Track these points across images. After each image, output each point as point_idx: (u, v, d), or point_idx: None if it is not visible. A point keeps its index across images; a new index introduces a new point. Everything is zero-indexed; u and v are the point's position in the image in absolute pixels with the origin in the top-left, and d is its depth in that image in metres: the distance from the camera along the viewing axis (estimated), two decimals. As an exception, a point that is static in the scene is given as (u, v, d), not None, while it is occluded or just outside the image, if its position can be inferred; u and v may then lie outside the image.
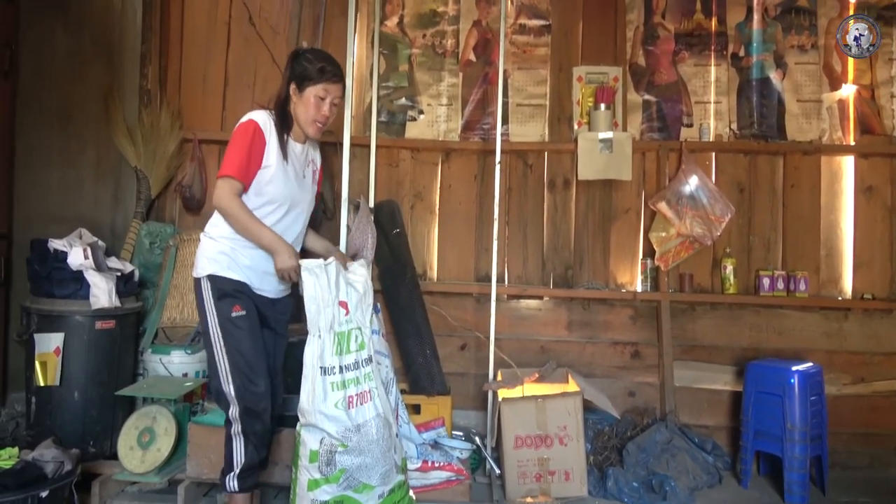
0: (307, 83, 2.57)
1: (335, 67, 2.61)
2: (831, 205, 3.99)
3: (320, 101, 2.58)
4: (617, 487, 3.18)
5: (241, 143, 2.48)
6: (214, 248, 2.53)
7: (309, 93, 2.57)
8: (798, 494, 3.21)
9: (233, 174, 2.45)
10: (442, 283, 4.06)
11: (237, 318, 2.46)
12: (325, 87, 2.57)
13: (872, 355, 3.84)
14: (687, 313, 3.94)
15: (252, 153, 2.49)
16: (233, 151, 2.48)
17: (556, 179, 4.11)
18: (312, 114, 2.59)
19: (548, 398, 3.20)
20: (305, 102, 2.58)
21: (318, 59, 2.60)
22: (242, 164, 2.46)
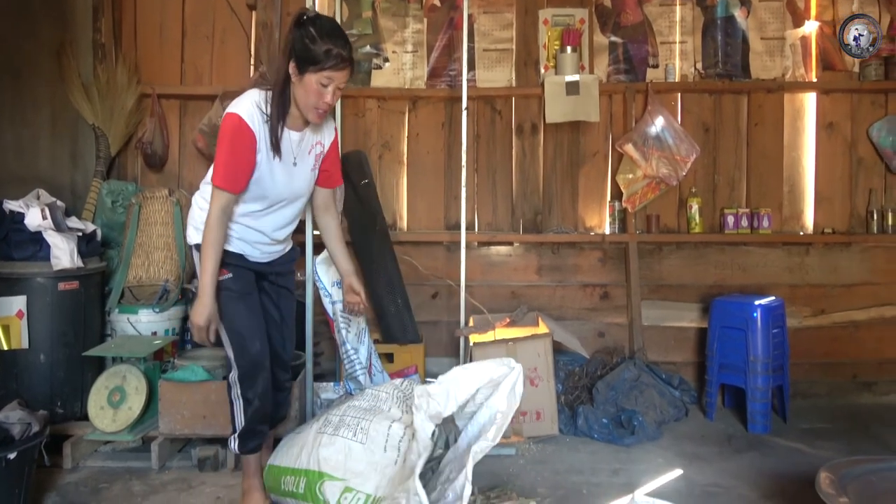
0: (309, 67, 2.21)
1: (344, 48, 2.22)
2: (794, 142, 4.04)
3: (322, 87, 2.24)
4: (587, 425, 3.27)
5: (228, 145, 2.25)
6: (201, 218, 2.39)
7: (310, 77, 2.22)
8: (761, 423, 3.34)
9: (225, 187, 2.26)
10: (412, 232, 4.06)
11: (225, 281, 2.38)
12: (329, 73, 2.22)
13: (832, 287, 3.95)
14: (654, 254, 4.00)
15: (241, 157, 2.26)
16: (221, 155, 2.26)
17: (523, 125, 4.09)
18: (313, 100, 2.26)
19: (518, 341, 3.26)
20: (306, 87, 2.24)
21: (323, 37, 2.20)
22: (232, 174, 2.26)
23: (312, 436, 2.38)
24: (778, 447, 3.18)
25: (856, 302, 3.94)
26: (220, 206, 2.28)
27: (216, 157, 2.29)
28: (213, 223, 2.28)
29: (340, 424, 2.35)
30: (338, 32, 2.26)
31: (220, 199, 2.28)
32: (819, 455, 2.99)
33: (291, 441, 2.48)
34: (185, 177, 4.05)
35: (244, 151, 2.26)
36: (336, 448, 2.28)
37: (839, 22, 3.95)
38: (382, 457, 2.23)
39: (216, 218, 2.28)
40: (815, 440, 3.25)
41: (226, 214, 2.31)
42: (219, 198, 2.28)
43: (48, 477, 2.76)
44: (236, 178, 2.27)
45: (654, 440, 3.22)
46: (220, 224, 2.29)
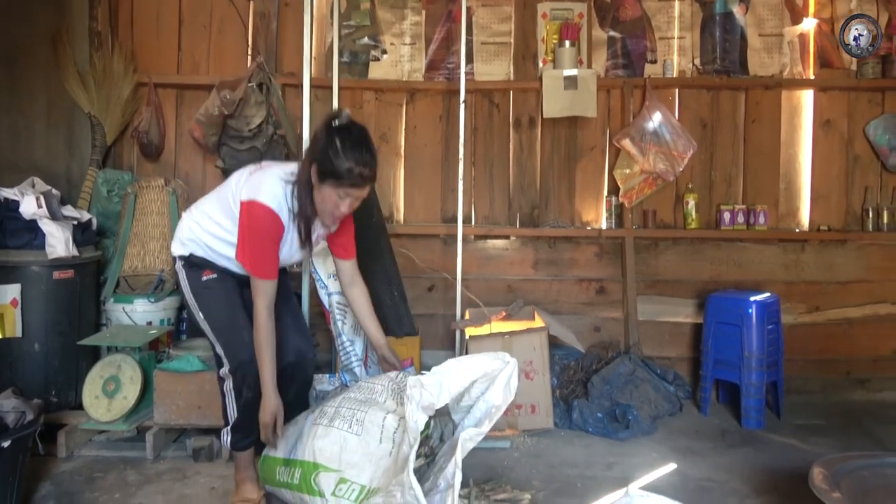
0: (328, 178, 2.20)
1: (366, 167, 2.20)
2: (791, 139, 4.05)
3: (339, 199, 2.24)
4: (582, 418, 3.28)
5: (264, 238, 2.29)
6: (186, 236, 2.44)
7: (329, 188, 2.22)
8: (755, 419, 3.36)
9: (268, 277, 2.30)
10: (409, 225, 4.05)
11: (207, 281, 2.41)
12: (348, 189, 2.22)
13: (827, 285, 3.96)
14: (650, 249, 4.00)
15: (276, 247, 2.33)
16: (257, 247, 2.29)
17: (521, 118, 4.08)
18: (329, 208, 2.27)
19: (514, 334, 3.26)
20: (323, 195, 2.25)
21: (347, 154, 2.16)
22: (273, 265, 2.32)
23: (308, 427, 2.38)
24: (771, 443, 3.20)
25: (851, 299, 3.96)
26: (268, 298, 2.31)
27: (248, 246, 2.30)
28: (263, 322, 2.30)
29: (336, 416, 2.34)
30: (364, 148, 2.22)
31: (265, 289, 2.30)
32: (812, 451, 3.01)
33: (287, 432, 2.46)
34: (182, 167, 4.04)
35: (277, 240, 2.32)
36: (331, 439, 2.27)
37: (837, 19, 3.96)
38: (377, 448, 2.22)
39: (265, 315, 2.30)
40: (808, 436, 3.27)
41: (273, 306, 2.32)
42: (264, 290, 2.30)
43: (42, 466, 2.75)
44: (275, 265, 2.33)
45: (648, 434, 3.23)
46: (269, 320, 2.31)
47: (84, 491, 2.58)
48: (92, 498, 2.53)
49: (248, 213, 2.27)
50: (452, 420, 2.44)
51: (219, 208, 2.42)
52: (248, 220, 2.28)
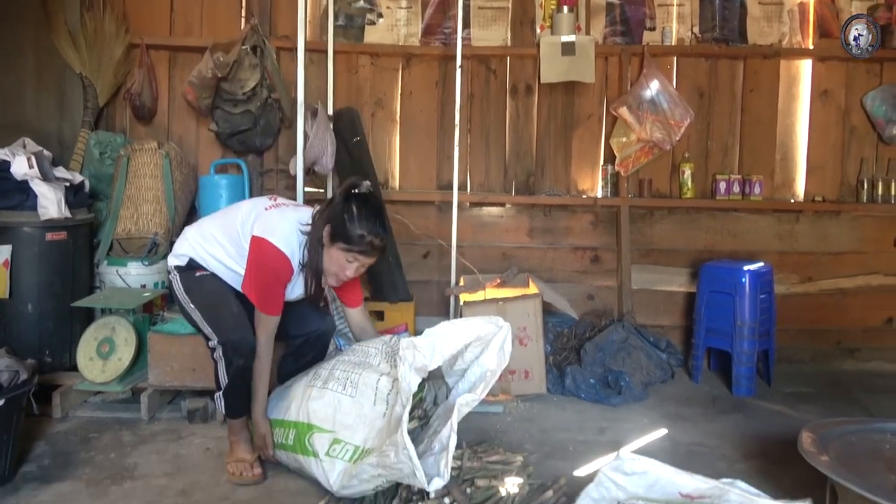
0: (339, 242, 2.30)
1: (378, 237, 2.29)
2: (788, 109, 4.03)
3: (346, 263, 2.33)
4: (575, 384, 3.31)
5: (274, 278, 2.35)
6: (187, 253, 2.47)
7: (338, 249, 2.31)
8: (745, 387, 3.39)
9: (273, 313, 2.37)
10: (404, 191, 4.03)
11: (200, 277, 2.45)
12: (356, 255, 2.31)
13: (820, 255, 3.98)
14: (645, 218, 4.00)
15: (283, 287, 2.40)
16: (266, 284, 2.35)
17: (518, 85, 4.05)
18: (335, 269, 2.35)
19: (508, 301, 3.27)
20: (331, 255, 2.33)
21: (362, 222, 2.26)
22: (279, 303, 2.38)
23: (302, 389, 2.39)
24: (761, 409, 3.24)
25: (843, 270, 3.98)
26: (269, 332, 2.38)
27: (256, 281, 2.35)
28: (263, 354, 2.37)
29: (329, 378, 2.36)
30: (378, 220, 2.30)
31: (267, 325, 2.37)
32: (801, 418, 3.04)
33: (281, 395, 2.50)
34: (175, 130, 3.99)
35: (284, 284, 2.39)
36: (325, 401, 2.29)
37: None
38: (371, 410, 2.24)
39: (266, 347, 2.37)
40: (797, 403, 3.31)
41: (272, 337, 2.40)
42: (266, 324, 2.36)
43: (37, 426, 2.76)
44: (279, 304, 2.39)
45: (640, 401, 3.27)
46: (269, 352, 2.40)
47: (79, 451, 2.60)
48: (87, 457, 2.54)
49: (260, 251, 2.33)
50: (446, 384, 2.45)
51: (224, 233, 2.46)
52: (259, 257, 2.34)
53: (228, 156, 3.92)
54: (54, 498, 2.24)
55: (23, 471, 2.42)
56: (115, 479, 2.37)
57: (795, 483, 2.31)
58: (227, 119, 3.77)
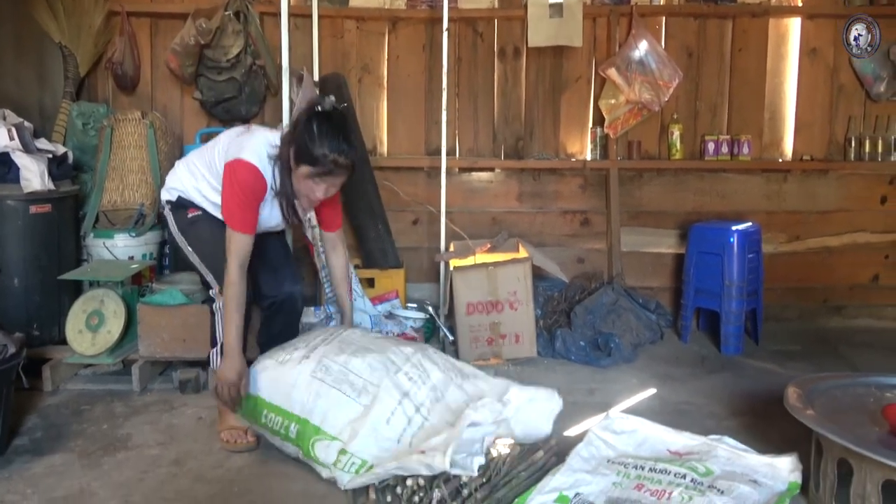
0: (304, 164, 2.22)
1: (341, 155, 2.19)
2: (777, 68, 4.01)
3: (313, 185, 2.26)
4: (565, 347, 3.33)
5: (248, 195, 2.28)
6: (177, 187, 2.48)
7: (303, 172, 2.23)
8: (733, 345, 3.43)
9: (245, 231, 2.28)
10: (392, 157, 4.00)
11: (193, 217, 2.44)
12: (320, 177, 2.24)
13: (808, 214, 4.00)
14: (634, 180, 4.00)
15: (255, 204, 2.32)
16: (238, 202, 2.28)
17: (506, 48, 4.00)
18: (304, 192, 2.30)
19: (498, 265, 3.27)
20: (297, 177, 2.26)
21: (323, 140, 2.17)
22: (251, 220, 2.30)
23: (306, 379, 2.24)
24: (749, 367, 3.28)
25: (830, 228, 4.01)
26: (241, 254, 2.28)
27: (230, 202, 2.29)
28: (235, 279, 2.28)
29: (343, 380, 2.22)
30: (340, 136, 2.20)
31: (240, 243, 2.28)
32: (788, 374, 3.07)
33: (275, 371, 2.32)
34: (159, 99, 3.94)
35: (259, 198, 2.31)
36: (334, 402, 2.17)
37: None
38: (384, 427, 2.14)
39: (237, 272, 2.28)
40: (785, 361, 3.35)
41: (245, 264, 2.30)
42: (238, 243, 2.28)
43: (28, 400, 2.76)
44: (253, 221, 2.31)
45: (629, 362, 3.30)
46: (241, 278, 2.29)
47: (71, 423, 2.60)
48: (80, 429, 2.55)
49: (232, 170, 2.28)
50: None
51: (204, 165, 2.45)
52: (230, 177, 2.29)
53: (214, 124, 3.87)
54: (47, 470, 2.25)
55: (15, 444, 2.42)
56: (107, 450, 2.38)
57: (782, 438, 2.35)
58: (212, 87, 3.72)
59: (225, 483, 2.17)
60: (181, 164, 2.57)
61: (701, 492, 1.90)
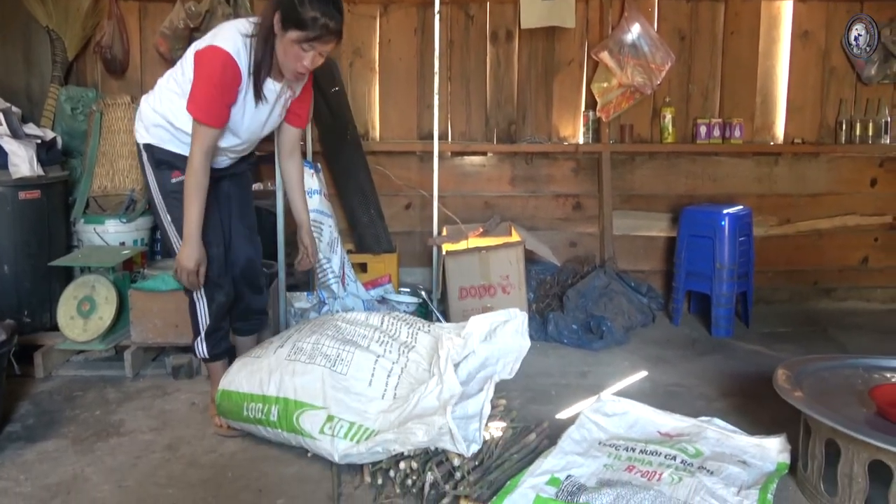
0: (291, 27, 2.07)
1: (332, 19, 2.07)
2: (769, 51, 4.00)
3: (301, 52, 2.11)
4: (557, 330, 3.35)
5: (216, 81, 2.13)
6: (151, 120, 2.33)
7: (291, 37, 2.08)
8: (724, 328, 3.46)
9: (212, 123, 2.16)
10: (385, 142, 3.99)
11: (177, 185, 2.33)
12: (310, 42, 2.09)
13: (799, 197, 4.02)
14: (627, 164, 4.00)
15: (227, 94, 2.17)
16: (205, 90, 2.14)
17: (498, 31, 3.98)
18: (290, 62, 2.14)
19: (490, 249, 3.28)
20: (285, 46, 2.11)
21: (314, 4, 2.04)
22: (217, 109, 2.17)
23: (281, 363, 2.28)
24: (739, 350, 3.31)
25: (821, 211, 4.03)
26: (206, 144, 2.19)
27: (197, 90, 2.16)
28: (198, 167, 2.19)
29: (315, 353, 2.27)
30: (332, 3, 2.09)
31: (205, 136, 2.18)
32: (778, 356, 3.11)
33: (251, 366, 2.35)
34: (148, 83, 3.88)
35: (231, 88, 2.17)
36: (313, 376, 2.20)
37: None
38: (367, 389, 2.18)
39: (201, 161, 2.19)
40: (774, 343, 3.38)
41: (210, 153, 2.23)
42: (204, 135, 2.18)
43: (20, 387, 2.76)
44: (221, 113, 2.19)
45: (621, 345, 3.32)
46: (205, 167, 2.21)
47: (64, 409, 2.60)
48: (72, 415, 2.55)
49: (201, 59, 2.15)
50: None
51: (173, 78, 2.31)
52: (199, 66, 2.15)
53: (203, 109, 3.84)
54: (40, 456, 2.25)
55: (7, 431, 2.42)
56: (100, 436, 2.39)
57: (771, 419, 2.38)
58: (201, 71, 3.68)
59: (218, 468, 2.18)
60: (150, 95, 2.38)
61: (691, 472, 1.92)
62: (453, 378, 2.08)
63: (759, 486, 1.89)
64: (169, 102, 2.30)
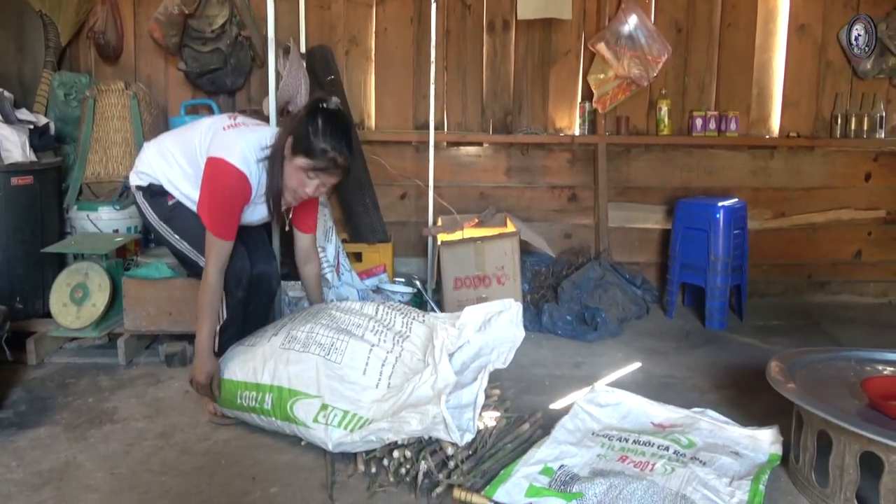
0: (301, 154, 2.17)
1: (341, 155, 2.17)
2: (765, 44, 4.00)
3: (307, 179, 2.21)
4: (552, 322, 3.35)
5: (228, 198, 2.22)
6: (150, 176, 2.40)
7: (299, 163, 2.19)
8: (718, 320, 3.47)
9: (225, 237, 2.23)
10: (380, 131, 3.97)
11: (173, 205, 2.39)
12: (315, 172, 2.19)
13: (793, 191, 4.03)
14: (622, 156, 4.00)
15: (238, 208, 2.26)
16: (217, 205, 2.23)
17: (495, 21, 3.96)
18: (294, 185, 2.23)
19: (486, 240, 3.27)
20: (291, 169, 2.21)
21: (326, 137, 2.14)
22: (231, 224, 2.25)
23: (276, 351, 2.27)
24: (733, 342, 3.32)
25: (815, 205, 4.04)
26: (220, 260, 2.25)
27: (209, 201, 2.24)
28: (213, 283, 2.24)
29: (310, 342, 2.26)
30: (344, 138, 2.18)
31: (219, 250, 2.24)
32: (771, 349, 3.12)
33: (245, 354, 2.34)
34: (142, 69, 3.87)
35: (242, 203, 2.26)
36: (307, 365, 2.19)
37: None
38: (361, 378, 2.17)
39: (216, 278, 2.25)
40: (768, 336, 3.39)
41: (224, 265, 2.27)
42: (218, 249, 2.24)
43: (12, 373, 2.75)
44: (234, 227, 2.26)
45: (615, 336, 3.33)
46: (219, 284, 2.26)
47: (57, 396, 2.59)
48: (65, 402, 2.54)
49: (215, 171, 2.23)
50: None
51: (182, 153, 2.37)
52: (213, 178, 2.23)
53: (199, 96, 3.81)
54: (32, 443, 2.24)
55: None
56: (93, 423, 2.38)
57: (764, 410, 2.39)
58: (196, 58, 3.67)
59: (212, 456, 2.18)
60: (152, 147, 2.46)
61: (683, 463, 1.93)
62: (448, 367, 2.08)
63: (751, 477, 1.90)
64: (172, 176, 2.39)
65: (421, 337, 2.35)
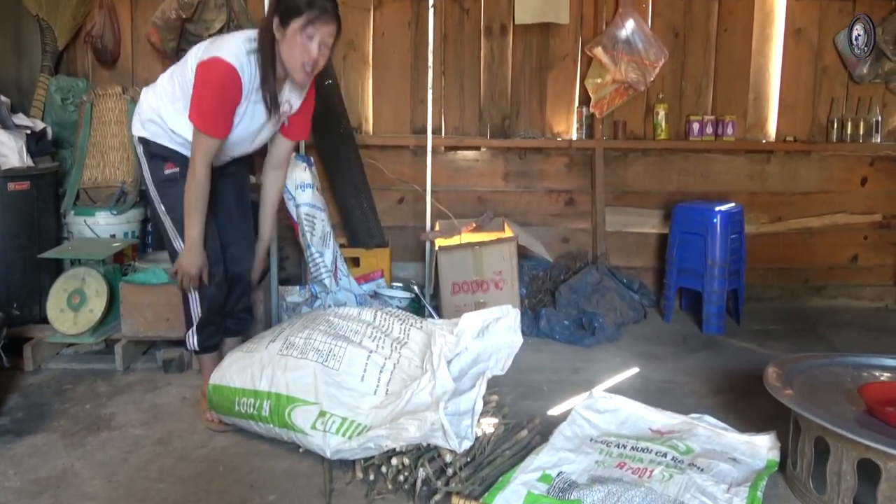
0: (291, 18, 2.12)
1: (329, 1, 2.15)
2: (762, 49, 4.01)
3: (307, 40, 2.14)
4: (549, 326, 3.36)
5: (218, 92, 2.17)
6: (146, 115, 2.35)
7: (293, 30, 2.13)
8: (715, 325, 3.47)
9: (214, 134, 2.20)
10: (378, 135, 3.97)
11: (170, 175, 2.35)
12: (312, 26, 2.12)
13: (790, 195, 4.04)
14: (620, 160, 4.00)
15: (230, 105, 2.21)
16: (208, 101, 2.18)
17: (492, 25, 3.96)
18: (298, 56, 2.16)
19: (483, 245, 3.27)
20: (289, 42, 2.15)
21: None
22: (222, 121, 2.21)
23: (273, 358, 2.27)
24: (730, 347, 3.32)
25: (812, 209, 4.05)
26: (208, 154, 2.22)
27: (199, 101, 2.19)
28: (200, 178, 2.23)
29: (308, 349, 2.26)
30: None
31: (207, 146, 2.21)
32: (768, 354, 3.13)
33: (243, 360, 2.34)
34: (140, 74, 3.86)
35: (233, 100, 2.21)
36: (305, 371, 2.19)
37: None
38: (359, 384, 2.18)
39: (203, 170, 2.23)
40: (765, 340, 3.40)
41: (210, 164, 2.25)
42: (206, 145, 2.21)
43: (9, 379, 2.74)
44: (225, 124, 2.23)
45: (613, 341, 3.33)
46: (206, 176, 2.24)
47: (54, 402, 2.59)
48: (62, 409, 2.54)
49: (205, 69, 2.17)
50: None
51: (177, 84, 2.31)
52: (203, 75, 2.18)
53: (196, 101, 3.81)
54: (29, 450, 2.24)
55: (-3, 423, 2.41)
56: (91, 430, 2.37)
57: (761, 416, 2.39)
58: (193, 63, 3.66)
59: (209, 462, 2.17)
60: (149, 90, 2.41)
61: (681, 470, 1.93)
62: (446, 374, 2.08)
63: (748, 484, 1.90)
64: (165, 103, 2.33)
65: (419, 343, 2.35)
